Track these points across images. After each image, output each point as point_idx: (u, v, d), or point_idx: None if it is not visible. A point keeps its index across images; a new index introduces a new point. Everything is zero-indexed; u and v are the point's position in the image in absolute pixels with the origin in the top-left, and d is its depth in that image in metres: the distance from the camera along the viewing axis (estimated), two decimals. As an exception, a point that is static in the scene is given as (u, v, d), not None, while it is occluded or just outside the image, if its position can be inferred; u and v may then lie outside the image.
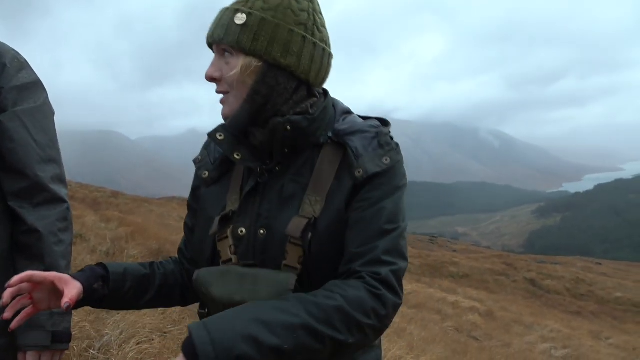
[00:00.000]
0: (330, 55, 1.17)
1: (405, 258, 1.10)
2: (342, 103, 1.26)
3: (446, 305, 14.46)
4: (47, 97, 1.49)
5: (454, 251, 41.81)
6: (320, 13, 1.16)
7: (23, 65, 1.44)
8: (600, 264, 43.57)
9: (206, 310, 1.18)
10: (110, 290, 1.19)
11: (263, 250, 1.12)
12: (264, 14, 1.08)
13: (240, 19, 1.08)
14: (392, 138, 1.17)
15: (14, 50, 1.44)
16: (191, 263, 1.33)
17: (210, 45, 1.15)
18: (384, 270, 1.04)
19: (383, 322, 1.03)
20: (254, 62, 1.08)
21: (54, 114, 1.52)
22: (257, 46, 1.07)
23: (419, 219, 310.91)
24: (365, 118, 1.22)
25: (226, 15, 1.10)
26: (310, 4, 1.13)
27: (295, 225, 1.08)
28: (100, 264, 1.22)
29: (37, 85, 1.45)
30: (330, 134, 1.16)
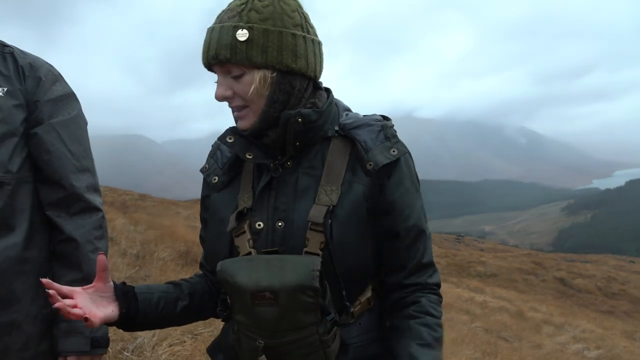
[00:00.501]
0: (321, 45, 1.21)
1: None
2: (341, 102, 1.31)
3: (474, 305, 14.29)
4: (80, 108, 1.53)
5: (481, 250, 41.28)
6: (302, 7, 1.18)
7: (57, 77, 1.48)
8: (633, 262, 42.46)
9: (228, 300, 1.18)
10: (140, 303, 1.21)
11: (282, 242, 1.14)
12: (264, 24, 1.09)
13: (243, 35, 1.08)
14: (396, 132, 1.21)
15: (48, 63, 1.48)
16: (213, 275, 1.35)
17: (208, 66, 1.14)
18: (439, 278, 1.24)
19: None
20: (269, 74, 1.11)
21: (87, 124, 1.55)
22: (268, 58, 1.09)
23: (444, 218, 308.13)
24: (365, 115, 1.27)
25: (225, 33, 1.09)
26: (295, 2, 1.15)
27: (317, 212, 1.11)
28: (123, 284, 1.24)
29: (70, 97, 1.49)
30: (336, 128, 1.21)
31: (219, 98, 1.14)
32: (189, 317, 1.35)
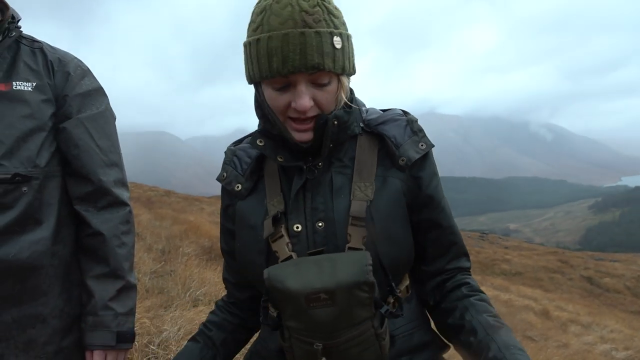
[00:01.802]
0: None
1: None
2: (357, 98, 1.29)
3: (499, 304, 14.12)
4: (108, 103, 1.53)
5: (506, 248, 40.72)
6: None
7: (85, 72, 1.49)
8: (663, 261, 41.37)
9: (277, 312, 1.14)
10: None
11: (324, 242, 1.14)
12: (343, 29, 1.09)
13: (339, 42, 1.05)
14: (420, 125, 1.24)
15: (76, 58, 1.49)
16: (239, 289, 1.38)
17: (288, 74, 1.04)
18: (470, 264, 1.32)
19: None
20: (346, 80, 1.12)
21: (115, 118, 1.56)
22: (352, 65, 1.12)
23: (468, 215, 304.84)
24: (384, 110, 1.28)
25: (324, 41, 1.03)
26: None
27: (358, 207, 1.12)
28: None
29: (99, 92, 1.50)
30: (362, 125, 1.22)
31: (306, 109, 1.06)
32: (233, 357, 1.39)
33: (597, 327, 14.03)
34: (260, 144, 1.18)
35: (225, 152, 1.32)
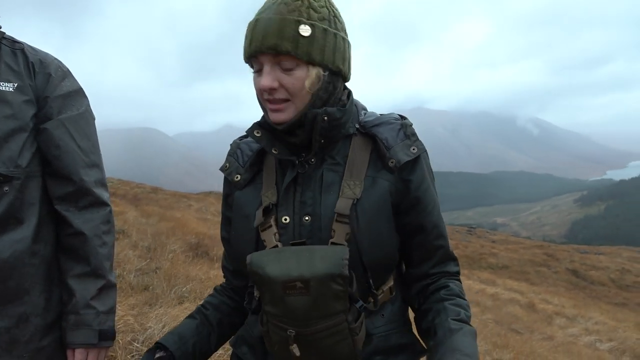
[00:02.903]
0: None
1: None
2: (359, 101, 1.34)
3: (485, 297, 14.25)
4: (88, 104, 1.54)
5: (493, 242, 41.05)
6: None
7: (66, 74, 1.49)
8: (647, 253, 41.96)
9: (258, 295, 1.19)
10: (180, 356, 1.28)
11: (309, 235, 1.18)
12: (322, 24, 1.13)
13: (306, 30, 1.11)
14: (414, 130, 1.26)
15: (57, 59, 1.50)
16: (236, 276, 1.42)
17: (254, 55, 1.13)
18: (458, 268, 1.31)
19: None
20: (322, 72, 1.15)
21: (94, 119, 1.57)
22: (325, 57, 1.14)
23: (456, 210, 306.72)
24: (381, 114, 1.31)
25: (287, 25, 1.10)
26: (335, 6, 1.21)
27: (343, 204, 1.15)
28: (156, 345, 1.30)
29: (79, 93, 1.51)
30: (357, 126, 1.25)
31: (266, 88, 1.13)
32: (223, 342, 1.42)
33: (582, 319, 14.21)
34: (257, 135, 1.22)
35: (230, 145, 1.37)
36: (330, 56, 1.14)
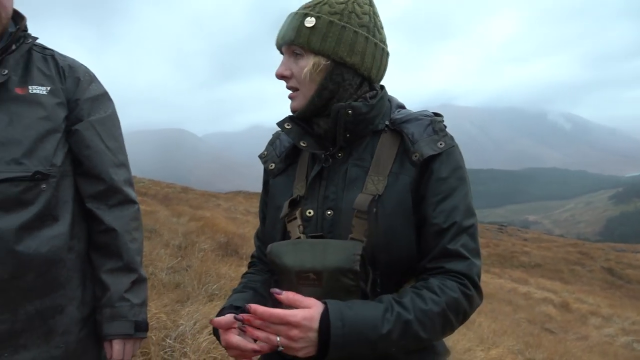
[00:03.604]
0: (388, 55, 1.28)
1: (480, 255, 1.20)
2: (396, 99, 1.35)
3: (517, 296, 14.03)
4: (114, 107, 1.63)
5: (525, 240, 40.33)
6: (378, 16, 1.27)
7: (93, 78, 1.58)
8: (687, 251, 40.55)
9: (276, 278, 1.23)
10: None
11: (330, 229, 1.20)
12: (331, 17, 1.19)
13: (310, 22, 1.18)
14: (445, 127, 1.24)
15: (84, 65, 1.59)
16: (264, 250, 1.43)
17: (279, 48, 1.26)
18: (473, 272, 1.15)
19: (464, 321, 1.17)
20: (323, 61, 1.19)
21: (119, 122, 1.65)
22: (326, 46, 1.18)
23: (486, 208, 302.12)
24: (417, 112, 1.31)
25: (295, 19, 1.20)
26: (371, 8, 1.24)
27: (362, 200, 1.16)
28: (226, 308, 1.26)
29: (105, 97, 1.60)
30: (387, 122, 1.26)
31: (278, 76, 1.24)
32: None
33: (618, 319, 13.85)
34: (287, 127, 1.26)
35: (272, 134, 1.43)
36: (332, 46, 1.18)
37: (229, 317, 1.12)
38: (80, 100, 1.50)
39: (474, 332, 6.54)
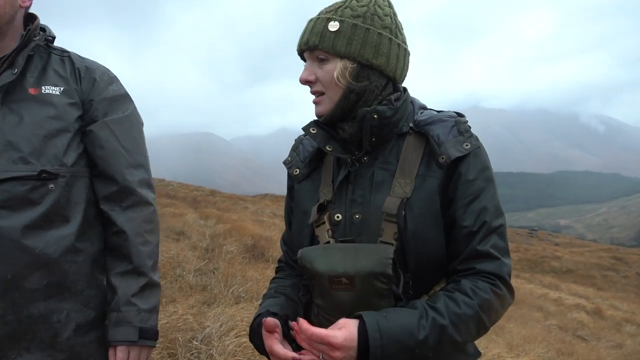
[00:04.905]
0: (409, 54, 1.28)
1: (509, 254, 1.20)
2: (418, 100, 1.35)
3: (548, 302, 13.75)
4: (135, 108, 1.60)
5: (556, 245, 39.51)
6: (398, 17, 1.27)
7: (112, 79, 1.56)
8: None
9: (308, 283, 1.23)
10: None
11: (359, 233, 1.20)
12: (354, 20, 1.19)
13: (334, 26, 1.18)
14: (469, 127, 1.23)
15: (104, 66, 1.57)
16: (291, 254, 1.44)
17: (301, 53, 1.26)
18: (504, 271, 1.15)
19: (497, 321, 1.18)
20: (349, 64, 1.19)
21: (142, 124, 1.62)
22: (351, 49, 1.18)
23: (516, 211, 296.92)
24: (439, 112, 1.30)
25: (318, 24, 1.20)
26: (391, 9, 1.24)
27: (391, 203, 1.16)
28: (261, 314, 1.26)
29: (125, 98, 1.57)
30: (411, 125, 1.25)
31: (302, 81, 1.24)
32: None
33: (654, 327, 13.41)
34: (313, 132, 1.26)
35: (295, 140, 1.43)
36: (357, 48, 1.18)
37: (274, 320, 1.14)
38: (94, 101, 1.48)
39: (504, 338, 6.43)
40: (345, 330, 1.03)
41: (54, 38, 1.53)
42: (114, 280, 1.48)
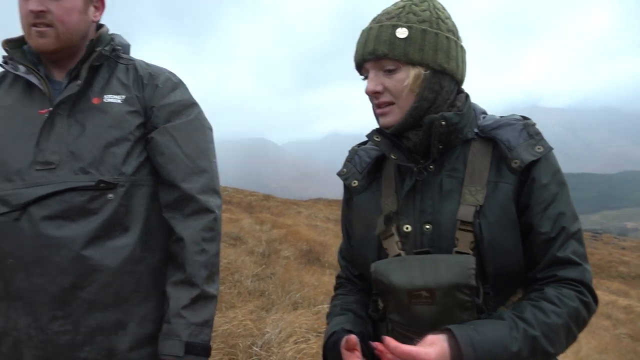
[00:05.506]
0: (466, 54, 1.26)
1: (588, 259, 1.17)
2: (478, 105, 1.31)
3: (617, 310, 13.09)
4: (200, 113, 1.55)
5: (623, 249, 37.53)
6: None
7: (177, 85, 1.53)
8: None
9: (383, 306, 1.20)
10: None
11: (431, 244, 1.16)
12: (422, 25, 1.15)
13: (403, 33, 1.14)
14: (539, 130, 1.20)
15: (168, 72, 1.55)
16: (361, 279, 1.38)
17: (361, 64, 1.20)
18: (587, 277, 1.12)
19: (584, 329, 1.15)
20: (422, 71, 1.15)
21: (209, 128, 1.58)
22: (424, 56, 1.14)
23: (580, 214, 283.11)
24: (501, 117, 1.27)
25: (384, 31, 1.15)
26: (447, 12, 1.22)
27: (466, 211, 1.12)
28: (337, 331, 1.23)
29: (189, 103, 1.53)
30: (476, 130, 1.22)
31: (370, 92, 1.18)
32: None
33: None
34: (377, 139, 1.24)
35: (349, 151, 1.40)
36: (430, 55, 1.14)
37: (356, 338, 1.11)
38: (155, 107, 1.47)
39: (571, 348, 6.14)
40: (436, 346, 1.00)
41: (125, 46, 1.54)
42: (169, 289, 1.43)
